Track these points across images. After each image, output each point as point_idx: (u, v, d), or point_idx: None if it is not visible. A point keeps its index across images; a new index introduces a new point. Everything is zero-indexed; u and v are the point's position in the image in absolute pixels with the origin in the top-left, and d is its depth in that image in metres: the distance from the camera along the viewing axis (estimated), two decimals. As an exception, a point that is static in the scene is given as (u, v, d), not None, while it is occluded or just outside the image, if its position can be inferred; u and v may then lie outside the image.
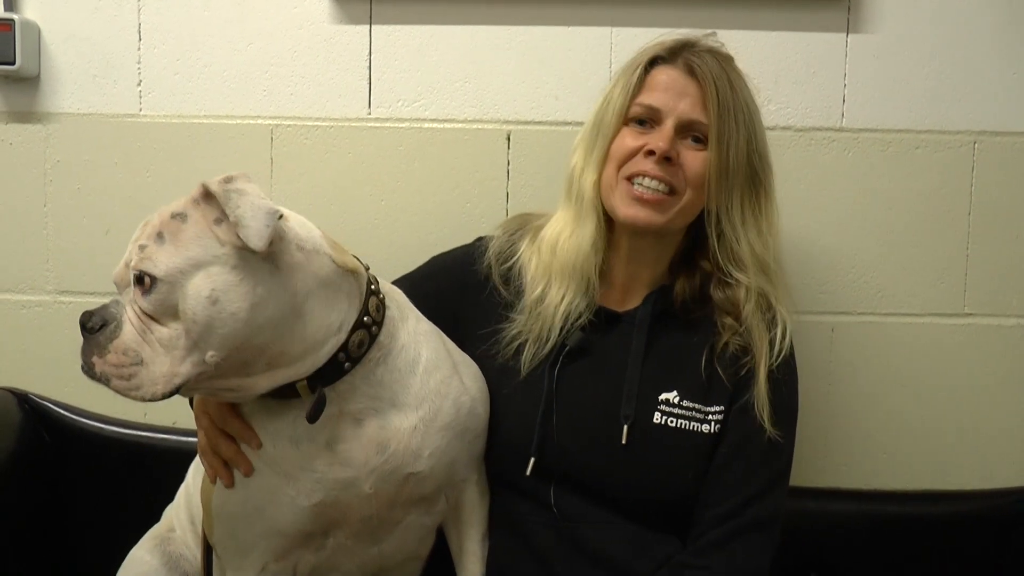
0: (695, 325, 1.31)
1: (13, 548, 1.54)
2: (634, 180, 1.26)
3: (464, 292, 1.38)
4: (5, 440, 1.58)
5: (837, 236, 1.65)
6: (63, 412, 1.67)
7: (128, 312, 1.04)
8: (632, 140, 1.27)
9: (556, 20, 1.64)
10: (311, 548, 1.20)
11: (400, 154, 1.67)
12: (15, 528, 1.55)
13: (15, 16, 1.62)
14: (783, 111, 1.64)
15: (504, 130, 1.66)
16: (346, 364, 1.12)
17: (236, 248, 1.02)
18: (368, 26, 1.66)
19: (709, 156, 1.24)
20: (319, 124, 1.67)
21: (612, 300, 1.34)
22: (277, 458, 1.15)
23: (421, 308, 1.28)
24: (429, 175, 1.67)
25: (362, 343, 1.13)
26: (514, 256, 1.37)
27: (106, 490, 1.65)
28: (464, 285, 1.38)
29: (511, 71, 1.66)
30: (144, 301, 1.02)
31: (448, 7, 1.65)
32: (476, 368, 1.31)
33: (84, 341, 1.05)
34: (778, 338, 1.28)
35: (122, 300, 1.06)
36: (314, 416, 1.10)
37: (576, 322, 1.29)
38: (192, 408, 1.24)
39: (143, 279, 1.02)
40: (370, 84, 1.67)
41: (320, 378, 1.11)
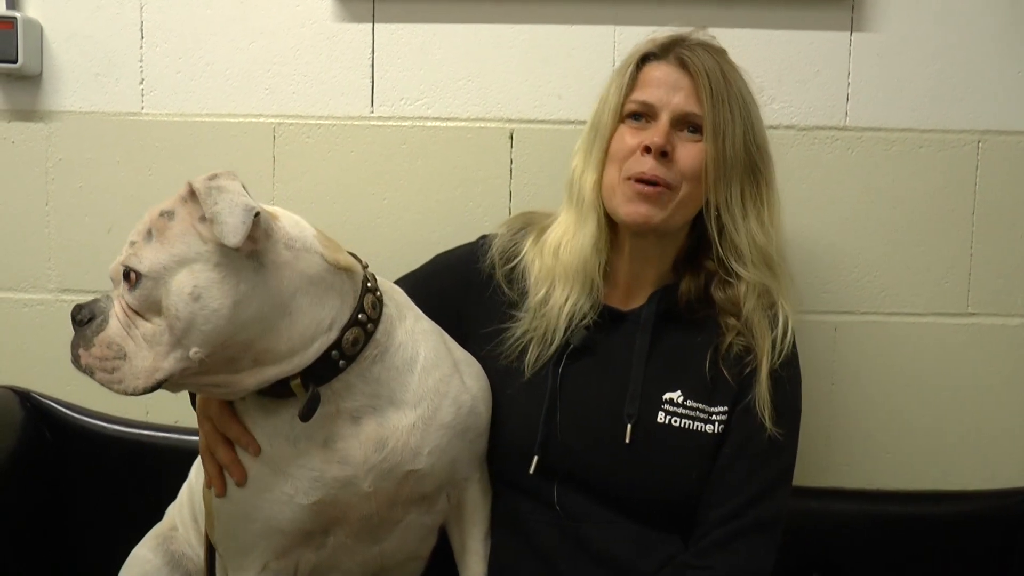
0: (700, 325, 1.30)
1: (14, 547, 1.54)
2: (633, 179, 1.26)
3: (467, 290, 1.38)
4: (6, 439, 1.58)
5: (840, 235, 1.65)
6: (65, 410, 1.67)
7: (115, 307, 1.06)
8: (630, 138, 1.27)
9: (559, 18, 1.64)
10: (312, 547, 1.20)
11: (403, 153, 1.67)
12: (16, 527, 1.55)
13: (17, 14, 1.62)
14: (786, 110, 1.64)
15: (507, 129, 1.66)
16: (341, 362, 1.12)
17: (218, 245, 1.02)
18: (371, 24, 1.66)
19: (705, 147, 1.25)
20: (322, 123, 1.67)
21: (616, 299, 1.34)
22: (274, 456, 1.14)
23: (424, 307, 1.27)
24: (432, 174, 1.67)
25: (357, 341, 1.13)
26: (518, 256, 1.37)
27: (108, 489, 1.65)
28: (467, 284, 1.38)
29: (514, 70, 1.65)
30: (130, 296, 1.04)
31: (451, 5, 1.64)
32: (478, 367, 1.30)
33: (74, 333, 1.07)
34: (779, 336, 1.28)
35: (112, 295, 1.07)
36: (307, 415, 1.10)
37: (580, 323, 1.29)
38: (194, 408, 1.24)
39: (129, 275, 1.04)
40: (373, 82, 1.67)
41: (313, 376, 1.11)
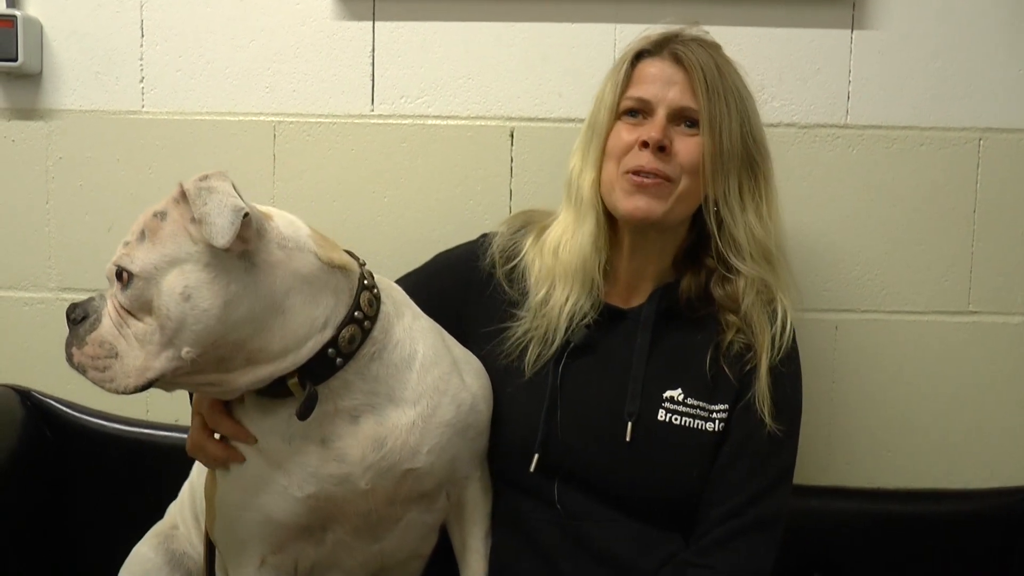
0: (700, 323, 1.30)
1: (14, 546, 1.54)
2: (632, 174, 1.26)
3: (468, 289, 1.38)
4: (7, 437, 1.58)
5: (841, 233, 1.65)
6: (65, 409, 1.67)
7: (108, 306, 1.07)
8: (627, 134, 1.27)
9: (560, 17, 1.64)
10: (310, 542, 1.20)
11: (403, 151, 1.67)
12: (16, 526, 1.55)
13: (17, 12, 1.62)
14: (787, 108, 1.64)
15: (507, 127, 1.66)
16: (338, 360, 1.12)
17: (208, 246, 1.03)
18: (371, 22, 1.66)
19: (703, 140, 1.25)
20: (322, 121, 1.67)
21: (617, 297, 1.34)
22: (272, 452, 1.15)
23: (425, 306, 1.27)
24: (432, 172, 1.67)
25: (353, 338, 1.13)
26: (518, 256, 1.37)
27: (108, 487, 1.65)
28: (468, 282, 1.38)
29: (514, 68, 1.65)
30: (122, 296, 1.05)
31: (451, 4, 1.64)
32: (478, 364, 1.30)
33: (69, 332, 1.08)
34: (779, 331, 1.27)
35: (106, 294, 1.08)
36: (304, 414, 1.10)
37: (581, 321, 1.29)
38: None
39: (121, 274, 1.05)
40: (373, 81, 1.67)
41: (311, 375, 1.11)
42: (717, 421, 1.27)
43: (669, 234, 1.32)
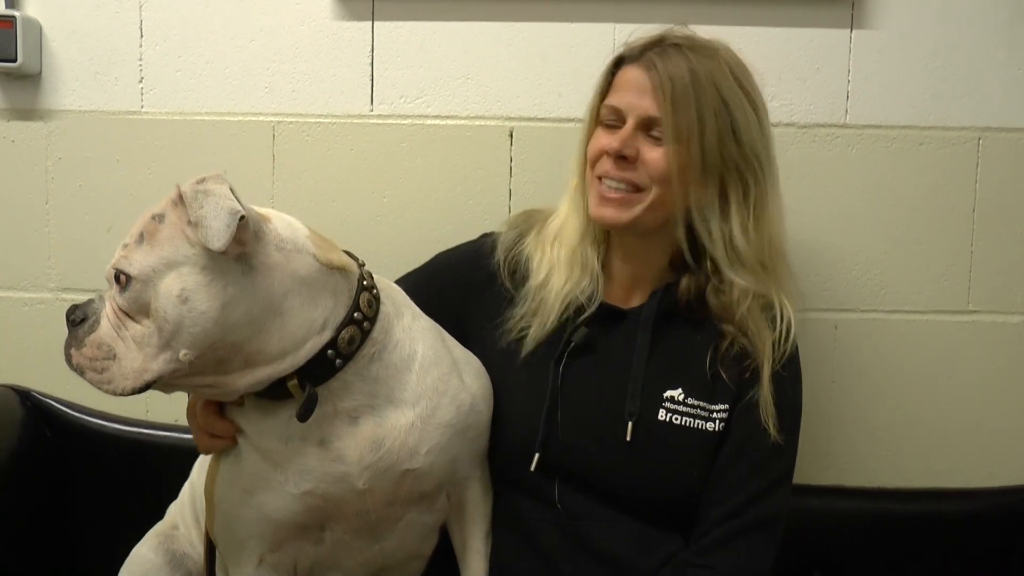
0: (700, 323, 1.30)
1: (14, 546, 1.54)
2: (603, 180, 1.26)
3: (468, 289, 1.38)
4: (7, 437, 1.58)
5: (840, 233, 1.65)
6: (65, 409, 1.67)
7: (107, 308, 1.07)
8: (603, 140, 1.28)
9: (559, 16, 1.64)
10: (309, 541, 1.20)
11: (402, 151, 1.67)
12: (16, 525, 1.55)
13: (16, 13, 1.62)
14: (786, 107, 1.64)
15: (507, 127, 1.66)
16: (337, 361, 1.12)
17: (205, 249, 1.03)
18: (371, 22, 1.66)
19: (670, 150, 1.23)
20: (321, 121, 1.67)
21: (617, 297, 1.34)
22: (271, 452, 1.15)
23: (424, 306, 1.27)
24: (432, 172, 1.67)
25: (353, 339, 1.13)
26: (521, 253, 1.37)
27: (108, 487, 1.66)
28: (468, 282, 1.38)
29: (514, 68, 1.65)
30: (120, 298, 1.05)
31: (451, 3, 1.64)
32: (478, 364, 1.30)
33: (68, 333, 1.09)
34: (780, 337, 1.27)
35: (105, 296, 1.09)
36: (304, 415, 1.10)
37: (578, 310, 1.29)
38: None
39: (119, 277, 1.05)
40: (372, 81, 1.67)
41: (310, 376, 1.11)
42: (717, 421, 1.27)
43: (654, 238, 1.30)
